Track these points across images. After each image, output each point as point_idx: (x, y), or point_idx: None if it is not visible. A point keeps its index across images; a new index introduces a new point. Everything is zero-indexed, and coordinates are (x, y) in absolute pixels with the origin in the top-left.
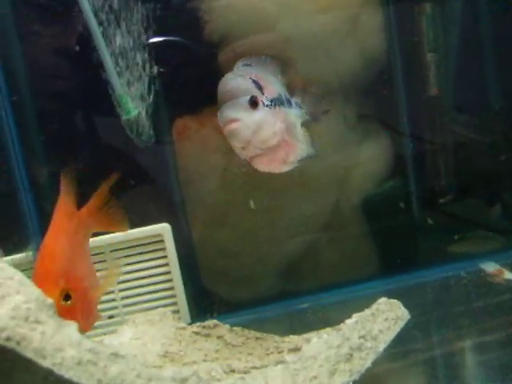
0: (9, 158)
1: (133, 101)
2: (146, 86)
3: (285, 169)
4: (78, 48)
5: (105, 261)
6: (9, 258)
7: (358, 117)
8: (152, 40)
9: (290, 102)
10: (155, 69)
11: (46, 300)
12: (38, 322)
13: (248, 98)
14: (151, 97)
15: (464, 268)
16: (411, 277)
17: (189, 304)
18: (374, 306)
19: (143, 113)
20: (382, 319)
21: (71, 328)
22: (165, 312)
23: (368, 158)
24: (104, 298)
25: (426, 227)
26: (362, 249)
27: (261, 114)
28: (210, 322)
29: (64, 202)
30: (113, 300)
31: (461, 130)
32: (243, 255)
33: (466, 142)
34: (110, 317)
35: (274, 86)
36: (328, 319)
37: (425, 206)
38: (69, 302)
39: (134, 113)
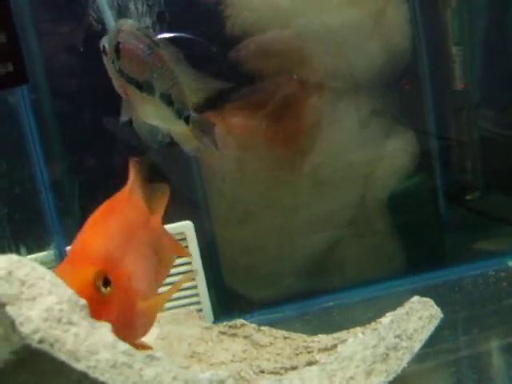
0: (29, 157)
1: None
2: None
3: None
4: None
5: None
6: (31, 256)
7: (375, 102)
8: (163, 36)
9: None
10: None
11: (79, 301)
12: (71, 323)
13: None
14: None
15: (492, 266)
16: (438, 275)
17: (212, 303)
18: (408, 305)
19: None
20: (416, 318)
21: (105, 329)
22: (190, 311)
23: (393, 154)
24: None
25: (452, 224)
26: (388, 246)
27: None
28: (237, 322)
29: (131, 189)
30: None
31: (487, 124)
32: (267, 253)
33: (493, 137)
34: None
35: (149, 72)
36: (355, 318)
37: (451, 203)
38: (107, 289)
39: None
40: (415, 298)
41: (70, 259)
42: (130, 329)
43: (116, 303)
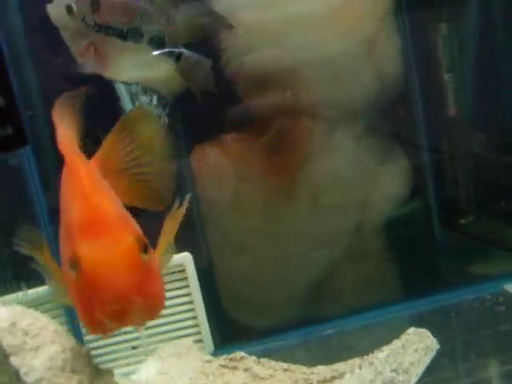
0: (29, 190)
1: None
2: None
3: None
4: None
5: None
6: (32, 291)
7: (370, 130)
8: None
9: (154, 41)
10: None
11: (81, 349)
12: (74, 371)
13: (66, 3)
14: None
15: (487, 289)
16: (434, 299)
17: (212, 332)
18: (404, 337)
19: None
20: (413, 350)
21: (108, 376)
22: (190, 344)
23: (388, 180)
24: (127, 328)
25: (447, 248)
26: (384, 271)
27: (73, 23)
28: (237, 354)
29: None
30: (135, 331)
31: (480, 149)
32: (265, 282)
33: (486, 162)
34: (134, 347)
35: (136, 17)
36: (353, 346)
37: (446, 227)
38: (147, 255)
39: None
40: (411, 330)
41: (102, 226)
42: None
43: (152, 269)
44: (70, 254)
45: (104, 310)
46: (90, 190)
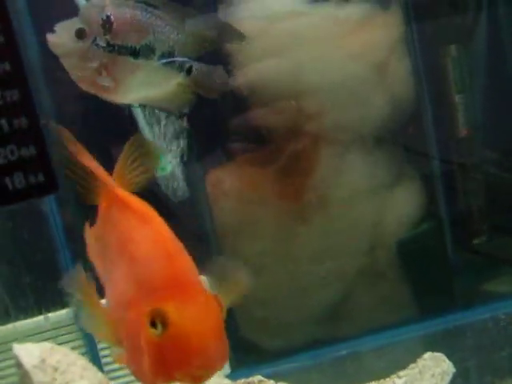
0: (47, 220)
1: (165, 156)
2: (178, 140)
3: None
4: None
5: None
6: (52, 314)
7: (381, 152)
8: None
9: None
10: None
11: (109, 383)
12: None
13: (76, 27)
14: (183, 150)
15: (502, 309)
16: (449, 320)
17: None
18: (420, 362)
19: (177, 168)
20: (429, 376)
21: None
22: None
23: (401, 201)
24: None
25: (460, 268)
26: (398, 293)
27: (81, 47)
28: (255, 378)
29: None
30: None
31: (492, 169)
32: (279, 303)
33: (498, 182)
34: None
35: (149, 35)
36: (368, 368)
37: (459, 247)
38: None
39: (168, 169)
40: (427, 355)
41: (186, 287)
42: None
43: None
44: (149, 308)
45: (187, 371)
46: (173, 247)
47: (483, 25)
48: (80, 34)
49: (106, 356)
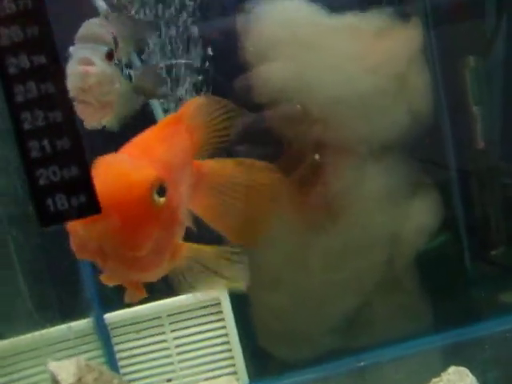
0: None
1: None
2: None
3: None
4: None
5: (162, 325)
6: (73, 323)
7: (400, 164)
8: None
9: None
10: None
11: None
12: None
13: (107, 48)
14: None
15: None
16: (467, 331)
17: (246, 366)
18: (445, 377)
19: None
20: None
21: None
22: (230, 380)
23: (419, 213)
24: (162, 361)
25: (478, 280)
26: (416, 303)
27: (112, 69)
28: None
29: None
30: (170, 363)
31: (509, 180)
32: (298, 315)
33: None
34: (169, 380)
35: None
36: (387, 379)
37: (476, 259)
38: (160, 200)
39: None
40: (452, 369)
41: (131, 152)
42: (155, 258)
43: (158, 223)
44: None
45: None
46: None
47: (502, 36)
48: (110, 56)
49: (125, 366)
